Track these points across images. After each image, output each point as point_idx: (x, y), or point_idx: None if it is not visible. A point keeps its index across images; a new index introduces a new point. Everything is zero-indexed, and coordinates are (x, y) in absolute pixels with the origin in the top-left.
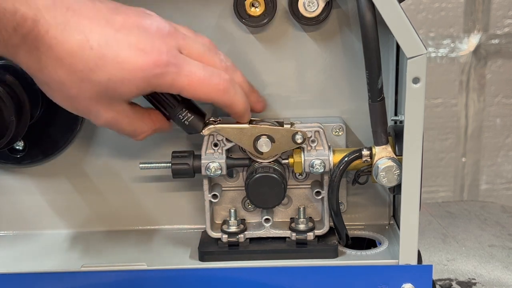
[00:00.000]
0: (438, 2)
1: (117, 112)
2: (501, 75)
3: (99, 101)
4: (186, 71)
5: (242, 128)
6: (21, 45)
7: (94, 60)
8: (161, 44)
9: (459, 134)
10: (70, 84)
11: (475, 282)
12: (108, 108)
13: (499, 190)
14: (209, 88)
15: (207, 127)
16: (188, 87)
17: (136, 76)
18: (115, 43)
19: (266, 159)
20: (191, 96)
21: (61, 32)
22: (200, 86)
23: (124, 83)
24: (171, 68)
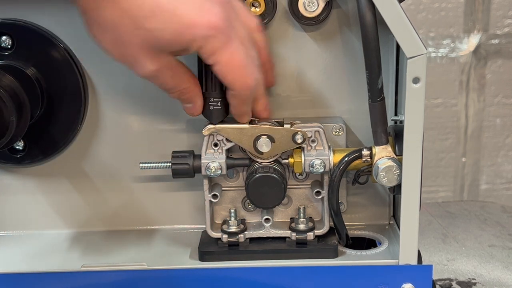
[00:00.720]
0: (438, 2)
1: (162, 64)
2: (501, 75)
3: (148, 51)
4: (232, 48)
5: (242, 128)
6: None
7: (151, 7)
8: (220, 10)
9: (459, 134)
10: (123, 28)
11: (475, 282)
12: (155, 59)
13: (499, 190)
14: (239, 76)
15: (207, 127)
16: (224, 64)
17: (188, 31)
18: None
19: (266, 159)
20: (219, 73)
21: None
22: (234, 69)
23: (175, 36)
24: (221, 36)
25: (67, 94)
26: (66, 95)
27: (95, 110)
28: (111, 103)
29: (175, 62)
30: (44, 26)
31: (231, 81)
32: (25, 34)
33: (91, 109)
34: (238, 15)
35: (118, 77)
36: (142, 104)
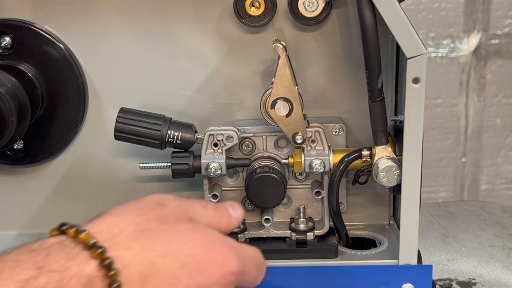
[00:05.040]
0: (438, 2)
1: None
2: (501, 75)
3: None
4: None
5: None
6: None
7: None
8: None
9: (459, 134)
10: None
11: (475, 282)
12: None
13: (499, 190)
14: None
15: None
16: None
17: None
18: None
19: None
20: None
21: None
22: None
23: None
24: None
25: (67, 94)
26: (66, 95)
27: (95, 110)
28: (111, 103)
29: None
30: (44, 26)
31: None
32: (25, 34)
33: (91, 109)
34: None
35: (118, 77)
36: (142, 104)
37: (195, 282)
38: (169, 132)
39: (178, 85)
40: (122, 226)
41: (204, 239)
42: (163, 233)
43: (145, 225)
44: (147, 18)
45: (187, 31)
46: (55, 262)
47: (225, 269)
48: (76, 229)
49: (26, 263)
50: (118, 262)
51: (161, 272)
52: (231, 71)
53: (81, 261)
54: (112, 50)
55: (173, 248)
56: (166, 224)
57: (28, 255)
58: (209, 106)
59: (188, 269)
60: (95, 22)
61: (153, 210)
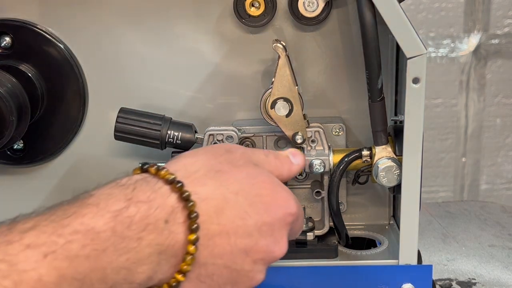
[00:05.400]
0: (438, 2)
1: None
2: (501, 75)
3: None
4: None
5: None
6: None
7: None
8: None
9: (459, 134)
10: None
11: (475, 282)
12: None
13: (499, 190)
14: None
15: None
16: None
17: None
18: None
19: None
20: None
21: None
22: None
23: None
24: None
25: (67, 94)
26: (66, 95)
27: (95, 110)
28: (111, 103)
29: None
30: (44, 26)
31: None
32: (25, 34)
33: (91, 109)
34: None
35: (118, 77)
36: (142, 104)
37: (262, 219)
38: (169, 132)
39: (178, 85)
40: (198, 166)
41: (268, 182)
42: (234, 174)
43: (218, 167)
44: (147, 18)
45: (187, 31)
46: (142, 194)
47: (287, 210)
48: (157, 167)
49: (118, 195)
50: (196, 196)
51: (234, 207)
52: (231, 71)
53: (163, 194)
54: (112, 50)
55: (244, 187)
56: (236, 166)
57: (118, 189)
58: (209, 106)
59: (256, 207)
60: (95, 22)
61: (223, 155)
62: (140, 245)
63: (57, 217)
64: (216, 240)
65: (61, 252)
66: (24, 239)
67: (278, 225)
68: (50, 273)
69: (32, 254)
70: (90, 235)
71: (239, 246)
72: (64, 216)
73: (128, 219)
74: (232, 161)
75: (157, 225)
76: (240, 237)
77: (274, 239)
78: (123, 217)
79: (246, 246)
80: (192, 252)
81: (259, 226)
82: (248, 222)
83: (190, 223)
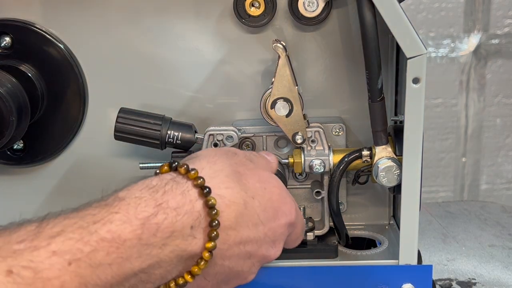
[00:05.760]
0: (438, 2)
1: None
2: (501, 75)
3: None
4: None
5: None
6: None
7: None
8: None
9: (459, 134)
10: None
11: (475, 282)
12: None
13: (499, 190)
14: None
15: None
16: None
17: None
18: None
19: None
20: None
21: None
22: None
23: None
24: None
25: (67, 94)
26: (66, 95)
27: (95, 110)
28: (111, 103)
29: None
30: (44, 26)
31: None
32: (25, 34)
33: (91, 109)
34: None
35: (118, 77)
36: (142, 104)
37: (269, 225)
38: (169, 132)
39: (178, 85)
40: (220, 165)
41: (278, 186)
42: (250, 177)
43: (236, 168)
44: (147, 18)
45: (187, 31)
46: (172, 198)
47: (288, 218)
48: (187, 167)
49: (148, 200)
50: (221, 201)
51: (250, 212)
52: (231, 71)
53: (192, 198)
54: (112, 50)
55: (258, 192)
56: (249, 169)
57: (148, 192)
58: (209, 106)
59: (267, 213)
60: (95, 22)
61: (233, 158)
62: (163, 251)
63: (85, 222)
64: (231, 245)
65: (85, 260)
66: (51, 245)
67: (280, 231)
68: (73, 280)
69: (57, 261)
70: (115, 243)
71: (246, 250)
72: (92, 222)
73: (155, 226)
74: (244, 163)
75: (183, 232)
76: (250, 242)
77: (273, 244)
78: (150, 224)
79: (251, 250)
80: (206, 258)
81: (266, 231)
82: (259, 228)
83: (211, 231)
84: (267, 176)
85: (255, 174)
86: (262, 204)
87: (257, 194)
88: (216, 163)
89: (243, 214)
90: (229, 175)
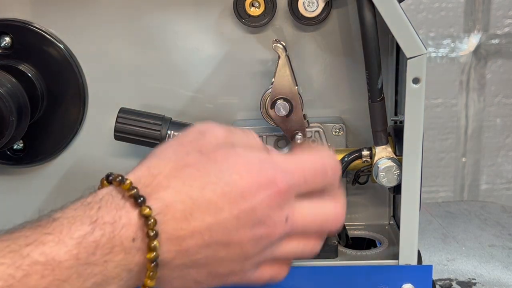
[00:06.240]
0: (438, 2)
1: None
2: (501, 75)
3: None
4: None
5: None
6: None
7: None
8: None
9: (459, 134)
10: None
11: (475, 282)
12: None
13: (499, 190)
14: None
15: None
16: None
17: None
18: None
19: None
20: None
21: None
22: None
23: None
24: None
25: (67, 94)
26: (66, 95)
27: (95, 110)
28: (111, 103)
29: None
30: (44, 26)
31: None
32: (25, 34)
33: (91, 109)
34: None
35: (118, 77)
36: (142, 104)
37: (238, 207)
38: (169, 132)
39: (178, 85)
40: (161, 167)
41: (243, 163)
42: (201, 166)
43: (183, 161)
44: (147, 18)
45: (187, 31)
46: (107, 213)
47: (270, 189)
48: (120, 179)
49: (82, 218)
50: (160, 204)
51: (201, 204)
52: (231, 71)
53: (128, 210)
54: (112, 50)
55: (212, 179)
56: (204, 154)
57: (83, 210)
58: (209, 106)
59: (229, 197)
60: (95, 22)
61: (192, 142)
62: (106, 268)
63: (17, 246)
64: (188, 242)
65: (17, 286)
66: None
67: (260, 207)
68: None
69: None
70: (50, 266)
71: (215, 239)
72: (24, 244)
73: (93, 244)
74: (201, 147)
75: (124, 245)
76: (215, 231)
77: (260, 225)
78: (87, 243)
79: (223, 239)
80: (152, 270)
81: (236, 215)
82: (221, 216)
83: (150, 241)
84: (229, 154)
85: (210, 160)
86: (218, 189)
87: (210, 182)
88: (158, 166)
89: (192, 210)
90: (169, 174)
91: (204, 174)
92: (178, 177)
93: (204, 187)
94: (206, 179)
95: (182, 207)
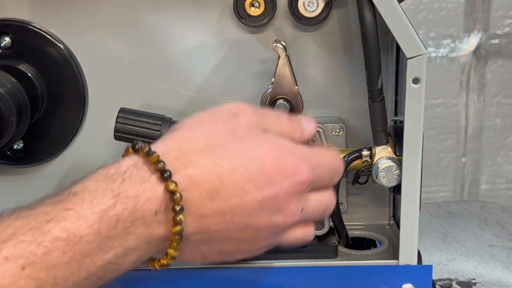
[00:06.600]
0: (438, 2)
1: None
2: (501, 75)
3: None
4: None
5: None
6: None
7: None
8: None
9: (459, 134)
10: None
11: (475, 282)
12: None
13: (499, 190)
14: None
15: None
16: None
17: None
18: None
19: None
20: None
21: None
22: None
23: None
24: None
25: (67, 94)
26: (66, 95)
27: (95, 110)
28: (111, 103)
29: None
30: (44, 26)
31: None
32: (25, 34)
33: (91, 109)
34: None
35: (118, 77)
36: (142, 104)
37: (262, 194)
38: None
39: (178, 85)
40: (194, 142)
41: (274, 150)
42: (233, 147)
43: (216, 140)
44: (147, 18)
45: (187, 31)
46: (131, 186)
47: (295, 179)
48: (148, 150)
49: (104, 192)
50: (187, 181)
51: (229, 186)
52: (231, 71)
53: (153, 184)
54: (112, 50)
55: (242, 162)
56: (237, 137)
57: (105, 183)
58: (209, 106)
59: (255, 182)
60: (95, 22)
61: (226, 122)
62: (127, 240)
63: (37, 223)
64: (209, 220)
65: (39, 263)
66: (2, 250)
67: (282, 195)
68: (29, 284)
69: (10, 268)
70: (71, 241)
71: (235, 222)
72: (45, 221)
73: (114, 218)
74: (234, 130)
75: (146, 219)
76: (237, 214)
77: (279, 210)
78: (109, 217)
79: (243, 222)
80: (177, 242)
81: (260, 200)
82: (245, 199)
83: (175, 216)
84: (261, 140)
85: (241, 143)
86: (247, 174)
87: (240, 165)
88: (190, 140)
89: (218, 190)
90: (201, 151)
91: (236, 156)
92: (210, 156)
93: (234, 170)
94: (237, 161)
95: (209, 186)
